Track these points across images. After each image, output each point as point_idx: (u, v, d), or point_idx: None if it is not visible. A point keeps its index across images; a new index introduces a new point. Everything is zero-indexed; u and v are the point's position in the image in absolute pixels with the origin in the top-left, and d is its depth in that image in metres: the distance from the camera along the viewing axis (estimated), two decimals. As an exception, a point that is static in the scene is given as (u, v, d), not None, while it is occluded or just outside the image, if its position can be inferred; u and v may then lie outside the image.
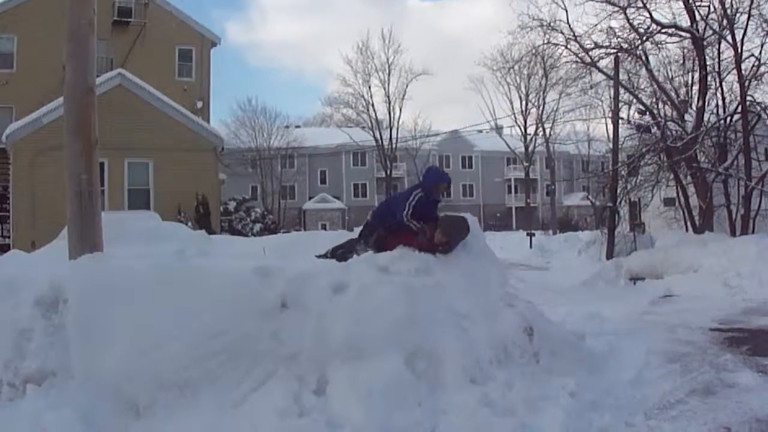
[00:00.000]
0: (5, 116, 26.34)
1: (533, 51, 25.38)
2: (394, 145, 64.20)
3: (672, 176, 21.75)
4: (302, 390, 5.40)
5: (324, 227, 57.04)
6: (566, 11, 22.93)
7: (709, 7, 19.91)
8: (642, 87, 23.20)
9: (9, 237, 23.40)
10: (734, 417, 5.79)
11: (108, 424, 5.14)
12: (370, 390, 5.31)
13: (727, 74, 20.69)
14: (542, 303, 9.60)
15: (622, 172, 22.83)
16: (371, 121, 64.31)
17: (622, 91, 22.76)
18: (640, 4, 20.43)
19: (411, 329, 5.78)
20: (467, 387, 5.53)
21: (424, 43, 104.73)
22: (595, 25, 22.08)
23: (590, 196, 35.55)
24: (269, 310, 5.81)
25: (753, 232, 19.19)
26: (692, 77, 22.06)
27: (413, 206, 7.20)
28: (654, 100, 22.68)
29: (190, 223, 19.59)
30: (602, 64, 22.76)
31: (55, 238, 9.71)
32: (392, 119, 64.67)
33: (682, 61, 22.38)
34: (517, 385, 5.81)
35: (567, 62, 24.45)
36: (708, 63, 20.51)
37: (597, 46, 22.03)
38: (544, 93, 57.46)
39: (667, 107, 22.25)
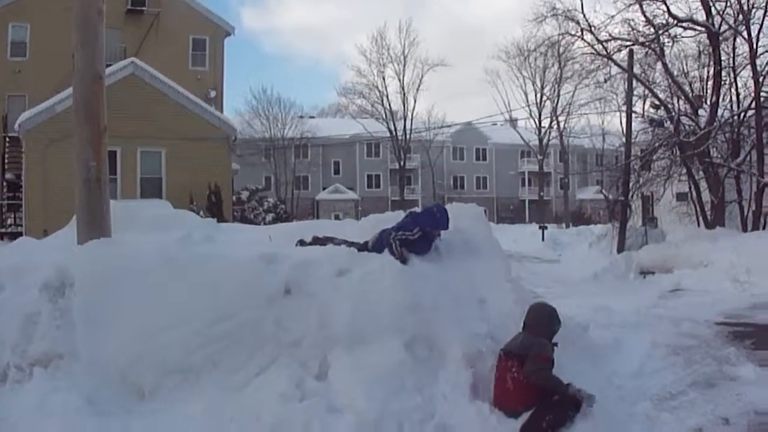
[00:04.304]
0: (18, 104, 26.59)
1: (548, 42, 25.33)
2: (407, 137, 64.27)
3: (684, 171, 21.68)
4: (304, 375, 5.46)
5: (337, 217, 57.05)
6: (581, 1, 22.78)
7: (725, 2, 19.83)
8: (657, 81, 23.19)
9: (22, 225, 23.61)
10: (733, 409, 5.84)
11: (113, 407, 5.23)
12: (371, 375, 5.36)
13: (742, 70, 20.71)
14: (552, 295, 9.64)
15: (635, 166, 22.77)
16: (385, 112, 64.42)
17: (636, 84, 22.68)
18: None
19: (412, 316, 5.81)
20: (468, 374, 5.56)
21: (440, 33, 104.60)
22: (612, 17, 21.95)
23: (603, 190, 35.49)
24: (273, 296, 5.87)
25: (764, 228, 19.16)
26: (707, 72, 22.04)
27: (412, 241, 6.70)
28: (668, 94, 22.65)
29: (202, 212, 19.69)
30: (618, 57, 22.72)
31: (66, 225, 9.78)
32: (406, 110, 64.80)
33: (697, 56, 22.34)
34: (517, 374, 5.84)
35: (582, 54, 24.40)
36: (723, 58, 20.50)
37: (612, 38, 22.03)
38: (558, 86, 57.30)
39: (681, 102, 22.21)
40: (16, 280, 5.94)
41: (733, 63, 20.61)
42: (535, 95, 63.80)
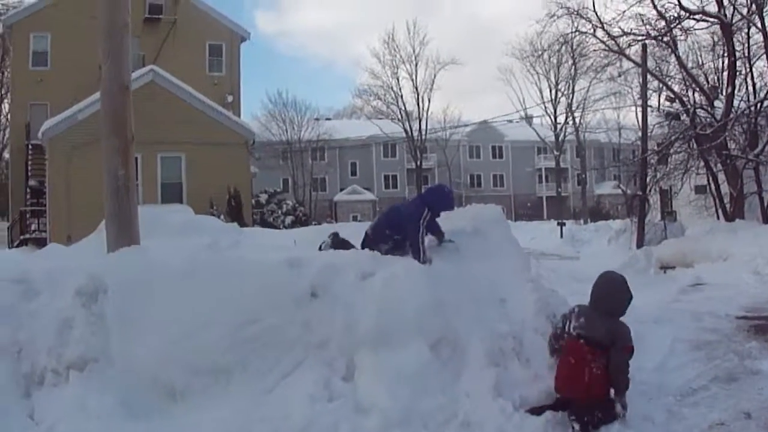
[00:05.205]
0: (41, 113, 27.01)
1: (561, 39, 25.35)
2: (423, 137, 64.32)
3: (702, 164, 21.59)
4: (332, 376, 5.58)
5: (355, 219, 57.12)
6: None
7: (737, -8, 19.76)
8: (671, 74, 23.12)
9: (45, 231, 23.95)
10: (755, 403, 5.88)
11: (146, 409, 5.38)
12: (396, 376, 5.45)
13: (757, 60, 20.60)
14: (571, 292, 9.69)
15: (652, 161, 22.72)
16: (401, 113, 64.56)
17: (651, 78, 22.64)
18: (667, -10, 20.39)
19: (436, 317, 5.90)
20: (491, 373, 5.67)
21: (453, 32, 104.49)
22: (624, 12, 21.95)
23: (621, 185, 35.38)
24: (300, 300, 5.99)
25: (785, 219, 19.03)
26: (722, 63, 21.92)
27: (425, 227, 7.06)
28: (683, 87, 22.57)
29: (222, 216, 19.88)
30: (631, 51, 22.70)
31: (93, 232, 9.99)
32: (421, 110, 64.86)
33: (711, 47, 22.24)
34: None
35: (595, 50, 24.40)
36: (737, 48, 20.38)
37: (625, 33, 22.06)
38: (573, 81, 57.32)
39: (696, 94, 22.14)
40: (50, 286, 6.11)
41: (748, 53, 20.52)
42: (550, 91, 63.92)
